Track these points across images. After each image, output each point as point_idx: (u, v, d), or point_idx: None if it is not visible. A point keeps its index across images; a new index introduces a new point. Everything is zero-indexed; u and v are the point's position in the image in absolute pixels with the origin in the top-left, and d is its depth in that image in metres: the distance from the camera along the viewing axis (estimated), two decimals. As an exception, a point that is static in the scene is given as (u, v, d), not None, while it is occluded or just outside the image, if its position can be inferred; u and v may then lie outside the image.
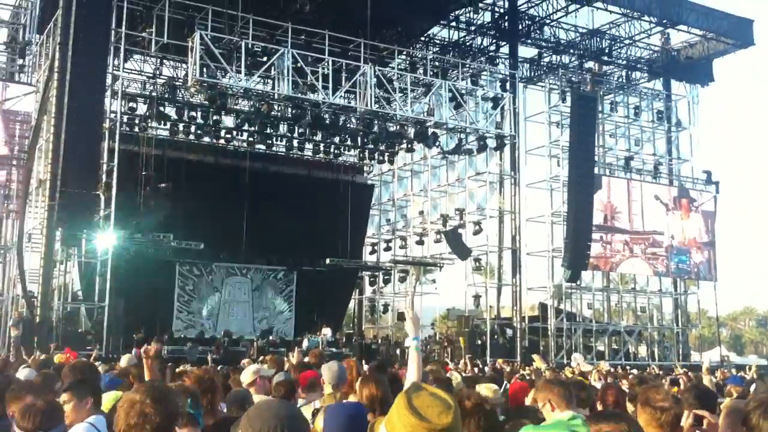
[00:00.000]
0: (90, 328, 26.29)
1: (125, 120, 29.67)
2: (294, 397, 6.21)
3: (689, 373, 15.09)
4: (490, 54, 35.23)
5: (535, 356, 12.76)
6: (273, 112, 30.60)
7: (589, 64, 36.80)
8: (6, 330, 24.57)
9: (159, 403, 3.08)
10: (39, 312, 24.02)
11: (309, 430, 2.54)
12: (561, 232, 33.64)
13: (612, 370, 18.56)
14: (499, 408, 5.66)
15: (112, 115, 27.41)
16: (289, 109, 30.03)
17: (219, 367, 15.89)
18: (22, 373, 7.74)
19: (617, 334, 36.30)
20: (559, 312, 34.58)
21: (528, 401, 6.34)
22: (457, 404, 2.31)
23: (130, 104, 30.30)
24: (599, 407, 5.84)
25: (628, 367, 23.66)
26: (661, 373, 14.98)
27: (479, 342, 31.56)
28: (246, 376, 6.33)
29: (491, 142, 32.37)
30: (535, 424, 4.20)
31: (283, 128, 34.48)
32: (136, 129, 31.19)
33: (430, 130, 31.09)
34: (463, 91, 31.69)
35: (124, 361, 10.61)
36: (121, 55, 26.87)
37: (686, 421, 4.72)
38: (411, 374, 5.05)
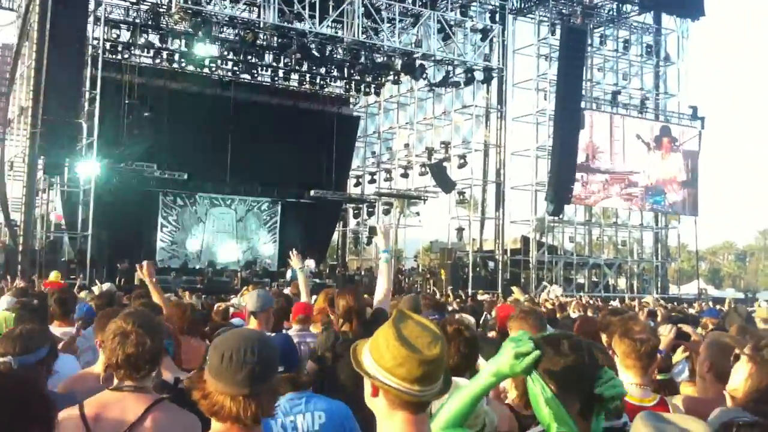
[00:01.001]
0: (73, 257, 26.36)
1: (108, 47, 29.14)
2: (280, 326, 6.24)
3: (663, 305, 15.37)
4: (480, -17, 34.58)
5: (514, 288, 12.95)
6: (258, 42, 30.16)
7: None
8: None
9: (152, 331, 3.15)
10: (22, 240, 24.03)
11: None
12: (545, 167, 33.73)
13: (591, 301, 18.91)
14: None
15: (95, 42, 26.97)
16: (275, 39, 29.54)
17: (204, 297, 16.09)
18: (3, 301, 7.68)
19: (597, 267, 36.81)
20: (541, 245, 34.95)
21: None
22: (443, 334, 2.29)
23: (113, 31, 29.71)
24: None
25: (608, 299, 24.10)
26: (635, 304, 15.29)
27: (461, 274, 31.90)
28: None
29: (479, 75, 32.10)
30: None
31: (268, 58, 34.01)
32: (119, 57, 30.65)
33: (418, 62, 30.76)
34: (452, 22, 31.24)
35: (103, 288, 10.66)
36: (103, -21, 26.28)
37: (668, 335, 4.86)
38: (381, 285, 5.18)
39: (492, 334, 7.06)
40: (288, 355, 3.49)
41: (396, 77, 34.21)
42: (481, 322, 9.05)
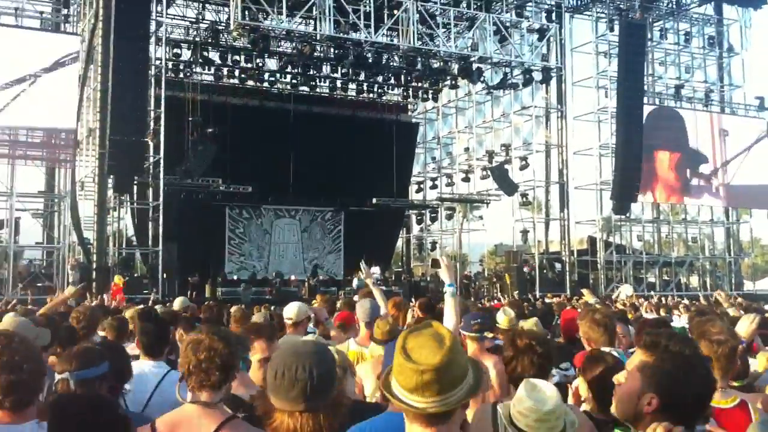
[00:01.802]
0: (145, 272, 26.99)
1: (170, 66, 29.85)
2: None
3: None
4: (535, -16, 34.19)
5: (584, 290, 12.76)
6: (315, 53, 30.49)
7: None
8: (65, 276, 25.34)
9: (225, 340, 3.17)
10: (95, 258, 24.72)
11: (335, 365, 2.54)
12: (609, 165, 33.22)
13: (663, 301, 18.53)
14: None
15: (157, 62, 27.63)
16: (332, 50, 29.83)
17: (272, 308, 16.26)
18: None
19: (668, 265, 35.99)
20: (609, 245, 34.39)
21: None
22: (454, 343, 2.23)
23: (175, 50, 30.46)
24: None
25: (678, 298, 23.57)
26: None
27: (528, 277, 31.60)
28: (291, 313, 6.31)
29: (537, 75, 31.84)
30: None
31: (326, 69, 34.37)
32: (181, 75, 31.39)
33: (475, 66, 30.67)
34: (508, 24, 31.07)
35: (177, 303, 10.75)
36: (164, 0, 26.94)
37: (751, 325, 4.74)
38: (448, 320, 5.10)
39: (559, 340, 7.00)
40: None
41: (453, 82, 34.16)
42: (553, 324, 8.96)
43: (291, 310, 6.26)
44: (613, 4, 34.17)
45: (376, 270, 30.71)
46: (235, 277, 31.77)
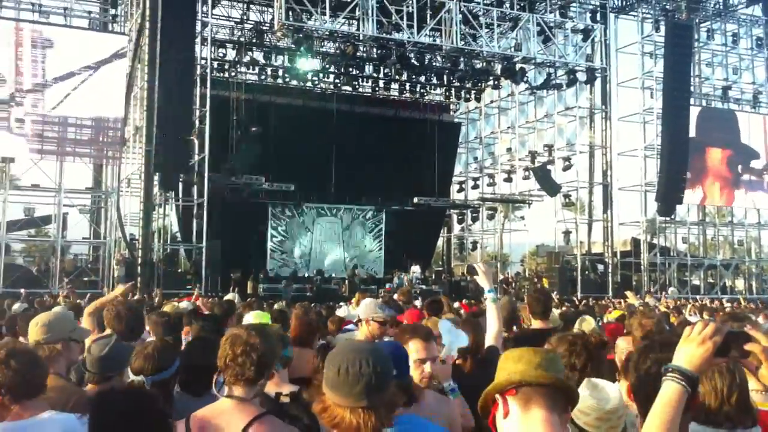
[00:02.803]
0: (189, 268, 27.39)
1: (215, 66, 30.22)
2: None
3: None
4: (580, -17, 33.85)
5: (628, 293, 12.66)
6: (358, 54, 30.64)
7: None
8: (111, 271, 25.84)
9: (263, 336, 3.22)
10: (140, 254, 25.16)
11: (391, 362, 2.53)
12: (654, 166, 32.84)
13: (708, 303, 18.28)
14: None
15: (203, 62, 28.01)
16: (374, 50, 29.95)
17: (312, 305, 16.42)
18: None
19: (713, 268, 35.46)
20: (653, 247, 33.99)
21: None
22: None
23: (220, 50, 30.85)
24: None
25: (724, 301, 23.23)
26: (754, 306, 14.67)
27: (570, 278, 31.38)
28: (362, 312, 6.06)
29: (581, 76, 31.63)
30: None
31: (368, 69, 34.52)
32: (226, 74, 31.78)
33: (518, 66, 30.58)
34: (552, 24, 30.90)
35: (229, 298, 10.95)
36: (209, 1, 27.33)
37: None
38: (491, 326, 5.08)
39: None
40: (398, 363, 3.34)
41: (496, 82, 34.01)
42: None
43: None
44: (659, 4, 33.77)
45: (416, 269, 30.79)
46: (276, 274, 32.08)
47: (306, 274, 32.29)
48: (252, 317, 6.09)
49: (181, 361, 3.93)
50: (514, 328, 6.89)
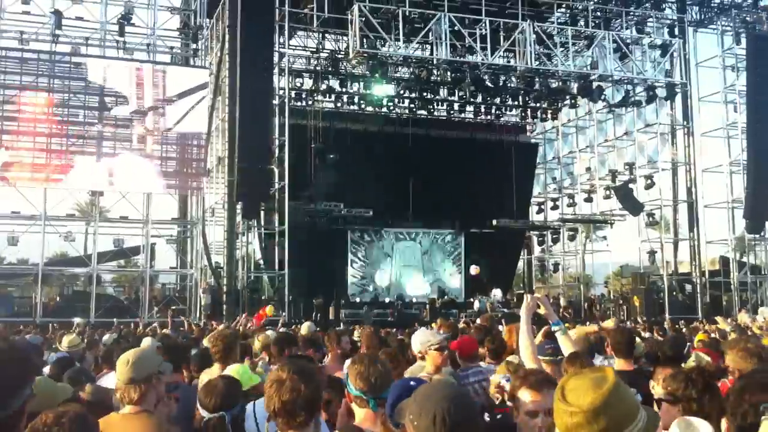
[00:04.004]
0: (272, 295, 27.82)
1: (293, 95, 30.80)
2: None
3: None
4: (656, -2, 33.14)
5: (718, 318, 12.23)
6: (432, 77, 30.78)
7: (765, 2, 34.02)
8: (197, 299, 26.46)
9: (306, 378, 3.15)
10: (225, 282, 25.70)
11: (475, 406, 2.48)
12: (741, 182, 31.83)
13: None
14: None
15: (281, 92, 28.60)
16: (449, 73, 30.02)
17: (394, 330, 16.40)
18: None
19: (808, 286, 34.04)
20: (743, 265, 32.86)
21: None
22: (614, 387, 2.10)
23: (297, 80, 31.45)
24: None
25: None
26: None
27: (657, 299, 30.54)
28: (416, 346, 5.72)
29: (661, 92, 31.02)
30: None
31: (443, 92, 34.62)
32: (303, 103, 32.37)
33: (595, 84, 30.18)
34: (629, 41, 30.45)
35: (304, 328, 10.92)
36: (286, 32, 28.06)
37: None
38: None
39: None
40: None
41: (573, 101, 33.65)
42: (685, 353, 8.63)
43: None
44: (739, 16, 32.90)
45: (497, 292, 30.51)
46: (357, 300, 32.26)
47: (387, 299, 32.35)
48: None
49: None
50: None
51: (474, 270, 30.25)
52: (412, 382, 3.20)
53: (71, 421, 2.79)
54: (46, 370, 6.67)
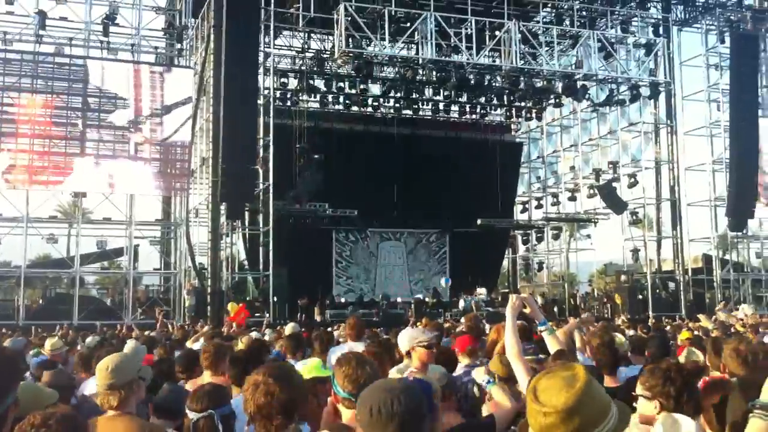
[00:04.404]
0: (257, 295, 27.73)
1: (278, 95, 30.71)
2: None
3: None
4: (641, -2, 33.16)
5: (701, 316, 12.29)
6: (418, 77, 30.79)
7: (749, 1, 34.19)
8: (182, 301, 26.34)
9: (282, 381, 3.14)
10: (209, 283, 25.59)
11: (426, 400, 2.48)
12: (724, 180, 32.05)
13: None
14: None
15: (266, 92, 28.51)
16: (434, 73, 30.04)
17: (379, 330, 16.36)
18: (197, 346, 8.04)
19: (790, 283, 34.34)
20: (725, 263, 33.09)
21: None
22: (586, 385, 2.11)
23: (282, 79, 31.40)
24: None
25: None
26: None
27: (640, 297, 30.70)
28: (404, 344, 5.63)
29: (645, 91, 31.15)
30: None
31: (428, 92, 34.65)
32: (288, 103, 32.30)
33: (579, 83, 30.27)
34: (613, 40, 30.58)
35: (288, 329, 10.88)
36: (271, 32, 27.91)
37: None
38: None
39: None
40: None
41: (557, 100, 33.73)
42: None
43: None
44: (723, 15, 33.11)
45: (482, 291, 30.57)
46: (343, 300, 32.24)
47: (372, 299, 32.34)
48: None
49: None
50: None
51: (444, 283, 30.39)
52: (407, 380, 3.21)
53: (58, 422, 2.76)
54: (28, 374, 6.63)
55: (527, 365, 4.56)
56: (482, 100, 35.37)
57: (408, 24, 27.43)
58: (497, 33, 27.89)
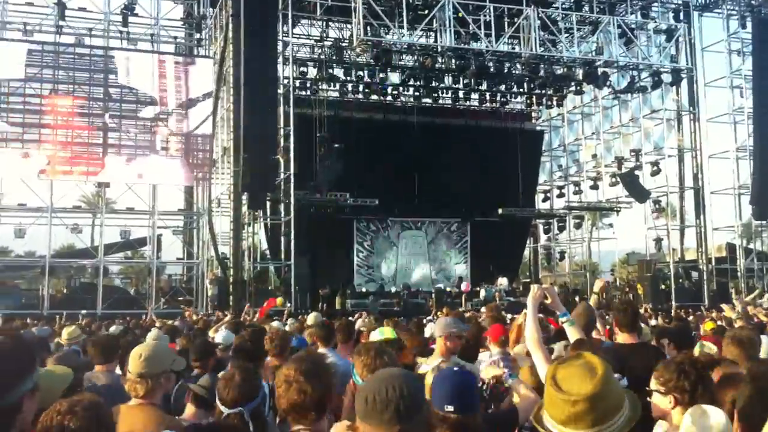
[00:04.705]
0: (279, 285, 27.84)
1: (297, 84, 30.71)
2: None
3: None
4: (661, -17, 32.71)
5: (724, 306, 12.16)
6: (437, 65, 30.66)
7: (772, -16, 33.76)
8: (204, 290, 26.51)
9: (314, 378, 3.17)
10: (231, 272, 25.72)
11: (422, 387, 2.52)
12: (748, 168, 31.69)
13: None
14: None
15: (285, 81, 28.56)
16: (453, 61, 29.91)
17: (401, 319, 16.39)
18: (219, 336, 8.01)
19: (815, 272, 33.93)
20: (749, 252, 32.77)
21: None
22: (606, 373, 2.16)
23: (301, 69, 31.38)
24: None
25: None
26: None
27: (663, 287, 30.47)
28: (437, 331, 6.03)
29: (666, 77, 30.84)
30: None
31: (448, 80, 34.53)
32: (308, 92, 32.30)
33: (600, 70, 30.02)
34: (633, 26, 30.31)
35: (311, 319, 10.88)
36: (290, 21, 27.89)
37: None
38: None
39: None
40: (461, 394, 3.14)
41: (578, 87, 33.47)
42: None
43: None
44: (744, 0, 32.63)
45: (503, 281, 30.48)
46: (363, 289, 32.26)
47: (393, 289, 32.36)
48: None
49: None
50: (594, 335, 6.71)
51: (465, 286, 30.26)
52: (455, 368, 3.28)
53: (84, 410, 2.78)
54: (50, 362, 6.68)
55: (547, 354, 4.59)
56: (502, 88, 35.14)
57: (426, 11, 27.26)
58: (516, 20, 27.70)
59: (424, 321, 13.15)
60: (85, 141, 25.71)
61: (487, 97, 36.59)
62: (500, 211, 34.64)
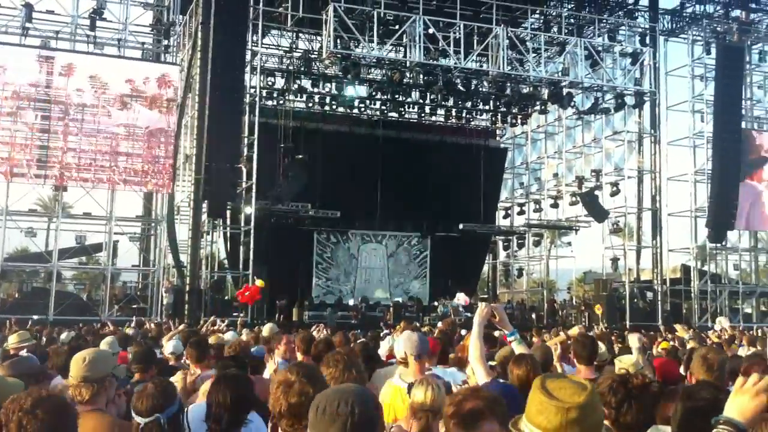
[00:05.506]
0: (236, 295, 27.58)
1: (264, 94, 30.59)
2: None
3: None
4: (629, 7, 32.59)
5: (677, 326, 12.36)
6: (404, 80, 30.79)
7: (736, 13, 34.38)
8: (159, 298, 26.16)
9: (314, 381, 3.17)
10: (189, 281, 25.42)
11: (377, 408, 2.48)
12: (705, 191, 32.26)
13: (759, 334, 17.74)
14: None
15: (252, 90, 28.42)
16: (421, 76, 30.05)
17: (359, 332, 16.33)
18: (170, 345, 7.91)
19: (766, 296, 34.59)
20: (703, 274, 33.30)
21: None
22: (594, 389, 2.24)
23: (269, 78, 31.25)
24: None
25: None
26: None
27: (618, 306, 30.82)
28: (384, 350, 5.98)
29: (630, 100, 31.31)
30: None
31: (414, 95, 34.66)
32: (274, 102, 32.18)
33: (565, 90, 30.39)
34: (600, 48, 30.71)
35: (266, 330, 10.81)
36: (260, 31, 27.80)
37: None
38: None
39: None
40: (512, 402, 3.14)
41: (543, 107, 33.86)
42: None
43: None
44: (710, 26, 33.32)
45: (461, 296, 30.52)
46: (322, 301, 32.14)
47: (351, 302, 32.28)
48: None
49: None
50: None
51: (464, 299, 30.20)
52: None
53: (46, 413, 2.72)
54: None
55: (488, 368, 4.77)
56: (468, 104, 35.35)
57: (396, 26, 27.36)
58: (485, 38, 27.94)
59: (381, 335, 13.13)
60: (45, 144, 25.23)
61: (453, 113, 36.76)
62: (461, 226, 34.79)
